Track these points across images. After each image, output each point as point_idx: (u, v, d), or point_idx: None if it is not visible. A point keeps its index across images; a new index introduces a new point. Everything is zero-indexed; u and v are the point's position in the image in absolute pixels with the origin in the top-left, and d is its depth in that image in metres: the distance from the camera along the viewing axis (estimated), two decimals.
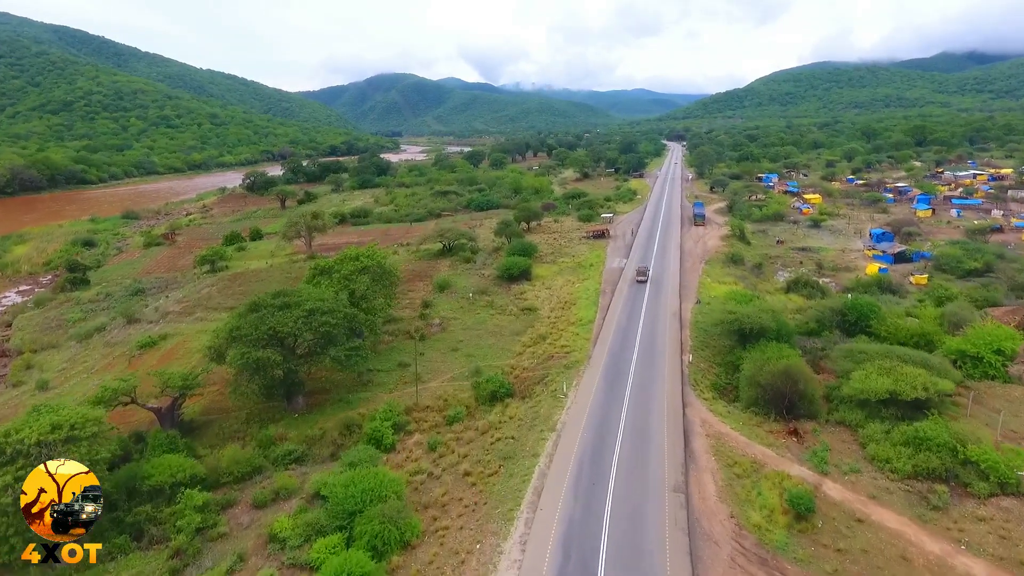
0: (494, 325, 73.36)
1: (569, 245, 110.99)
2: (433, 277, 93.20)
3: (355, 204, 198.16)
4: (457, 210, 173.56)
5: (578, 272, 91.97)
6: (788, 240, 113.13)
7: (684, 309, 71.56)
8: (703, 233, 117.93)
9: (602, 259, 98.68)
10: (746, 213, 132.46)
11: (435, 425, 50.88)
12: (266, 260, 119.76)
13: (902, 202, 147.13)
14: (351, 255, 67.08)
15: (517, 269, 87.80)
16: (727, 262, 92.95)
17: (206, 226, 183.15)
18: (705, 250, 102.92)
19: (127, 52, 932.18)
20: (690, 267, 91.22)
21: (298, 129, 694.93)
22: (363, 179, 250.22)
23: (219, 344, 52.29)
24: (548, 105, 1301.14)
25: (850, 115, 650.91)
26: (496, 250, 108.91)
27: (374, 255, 67.75)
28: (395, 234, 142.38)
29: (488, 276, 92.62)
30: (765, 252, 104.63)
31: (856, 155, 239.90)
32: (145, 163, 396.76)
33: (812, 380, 47.21)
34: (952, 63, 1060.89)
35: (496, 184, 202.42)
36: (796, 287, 77.70)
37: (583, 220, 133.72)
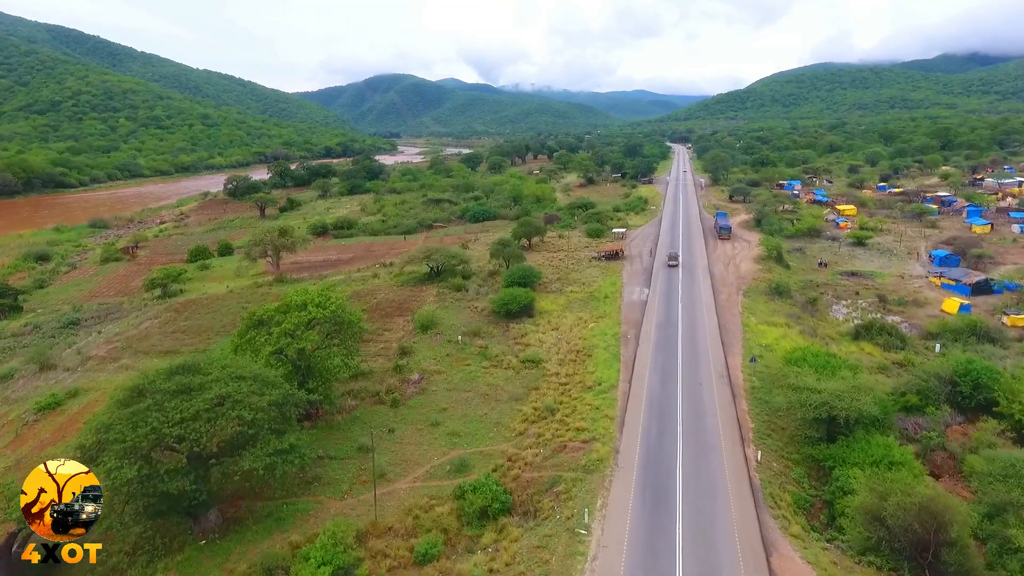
0: (488, 384, 57.41)
1: (578, 268, 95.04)
2: (415, 312, 77.22)
3: (340, 213, 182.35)
4: (451, 221, 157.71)
5: (591, 306, 76.01)
6: (832, 262, 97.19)
7: (732, 366, 55.63)
8: (732, 253, 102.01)
9: (618, 288, 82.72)
10: (777, 227, 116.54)
11: (398, 566, 34.93)
12: (227, 283, 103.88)
13: (947, 215, 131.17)
14: (297, 302, 50.92)
15: (517, 304, 71.86)
16: (770, 294, 77.01)
17: (176, 237, 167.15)
18: (739, 276, 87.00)
19: (122, 52, 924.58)
20: (726, 300, 75.26)
21: (293, 130, 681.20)
22: (352, 184, 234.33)
23: (90, 444, 36.26)
24: (547, 106, 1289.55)
25: (855, 116, 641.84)
26: (493, 274, 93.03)
27: (327, 302, 51.52)
28: (379, 250, 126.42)
29: (482, 311, 76.61)
30: (809, 278, 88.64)
31: (879, 159, 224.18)
32: (130, 166, 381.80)
33: (962, 518, 31.20)
34: (953, 64, 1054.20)
35: (494, 191, 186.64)
36: (868, 333, 61.69)
37: (592, 236, 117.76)
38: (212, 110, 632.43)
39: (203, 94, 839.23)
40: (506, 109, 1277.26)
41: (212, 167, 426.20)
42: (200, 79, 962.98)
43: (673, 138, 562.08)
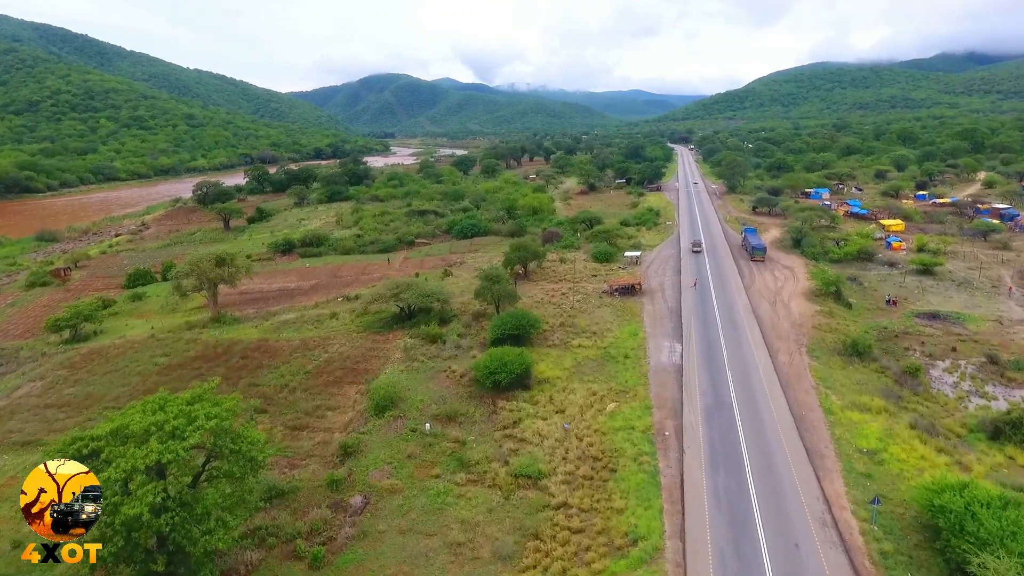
0: (461, 520, 38.01)
1: (585, 307, 75.76)
2: (372, 379, 57.78)
3: (314, 225, 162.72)
4: (436, 236, 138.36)
5: (607, 372, 56.72)
6: (900, 297, 78.07)
7: (834, 501, 36.35)
8: (775, 284, 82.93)
9: (641, 341, 63.48)
10: (820, 250, 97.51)
11: None
12: (155, 324, 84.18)
13: (1013, 232, 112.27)
14: (136, 429, 30.20)
15: (507, 374, 52.43)
16: (845, 353, 57.89)
17: (125, 254, 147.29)
18: (794, 321, 67.85)
19: (111, 51, 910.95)
20: (789, 365, 56.09)
21: (283, 131, 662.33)
22: (332, 190, 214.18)
23: None
24: (544, 106, 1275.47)
25: (856, 116, 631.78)
26: (479, 316, 73.72)
27: (192, 425, 30.90)
28: (348, 275, 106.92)
29: (462, 377, 57.33)
30: (880, 323, 69.40)
31: (907, 163, 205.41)
32: (104, 168, 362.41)
33: None
34: (952, 63, 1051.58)
35: (486, 200, 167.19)
36: (1016, 431, 42.47)
37: (599, 260, 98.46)
38: (199, 110, 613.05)
39: (192, 94, 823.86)
40: (502, 109, 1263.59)
41: (194, 170, 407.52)
42: (190, 79, 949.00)
43: (673, 138, 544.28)
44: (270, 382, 59.44)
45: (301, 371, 61.88)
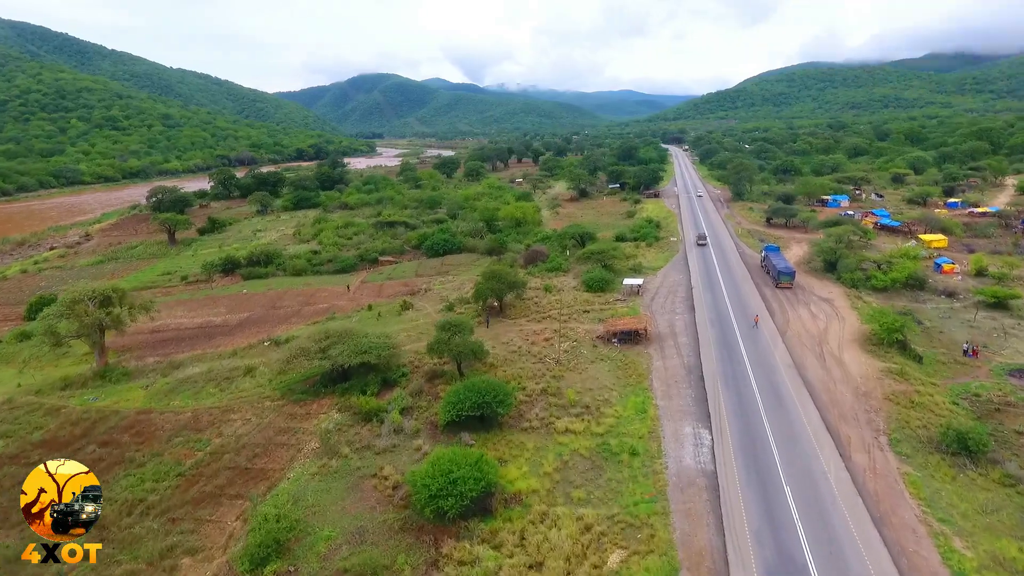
0: None
1: (576, 360, 57.87)
2: (263, 495, 39.66)
3: (270, 237, 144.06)
4: (404, 252, 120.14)
5: (606, 481, 38.81)
6: (980, 345, 60.60)
7: None
8: (815, 324, 65.32)
9: (652, 423, 45.62)
10: (861, 277, 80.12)
11: None
12: (24, 378, 65.45)
13: None
14: None
15: (456, 500, 34.42)
16: (948, 450, 40.27)
17: (51, 272, 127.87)
18: (856, 388, 50.21)
19: (91, 50, 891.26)
20: (872, 476, 38.35)
21: (265, 132, 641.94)
22: (299, 196, 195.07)
23: None
24: (534, 106, 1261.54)
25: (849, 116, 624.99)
26: (434, 377, 55.64)
27: None
28: (290, 305, 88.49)
29: (395, 492, 39.33)
30: (972, 389, 51.77)
31: (924, 166, 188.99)
32: (67, 171, 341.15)
33: None
34: (942, 63, 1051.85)
35: (465, 208, 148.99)
36: None
37: (592, 289, 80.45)
38: (176, 110, 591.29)
39: (174, 93, 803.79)
40: (491, 109, 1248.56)
41: (166, 172, 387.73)
42: (173, 78, 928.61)
43: (666, 139, 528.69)
44: (120, 494, 41.09)
45: (172, 472, 43.55)
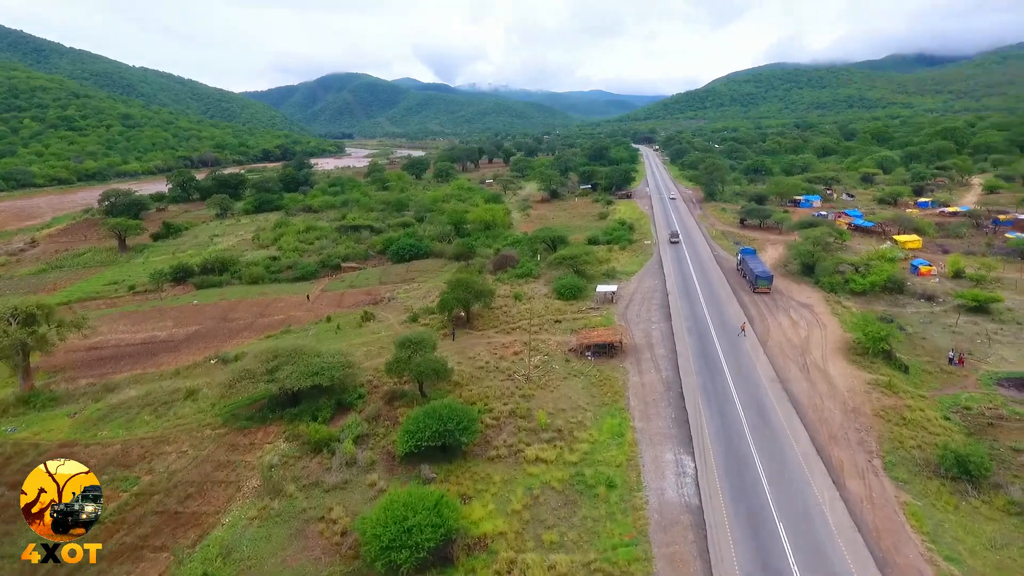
0: None
1: (547, 377, 53.93)
2: (192, 547, 34.77)
3: (228, 243, 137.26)
4: (368, 257, 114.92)
5: (581, 520, 34.80)
6: (967, 352, 58.24)
7: None
8: (800, 337, 62.42)
9: (630, 449, 41.81)
10: (839, 281, 77.80)
11: None
12: None
13: None
14: None
15: (410, 553, 29.98)
16: (947, 475, 37.29)
17: None
18: (843, 403, 47.19)
19: (48, 48, 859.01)
20: (869, 507, 35.05)
21: (230, 132, 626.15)
22: (261, 199, 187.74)
23: None
24: (505, 106, 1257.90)
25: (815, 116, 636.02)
26: (393, 399, 51.10)
27: None
28: (243, 317, 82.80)
29: (343, 540, 34.78)
30: (962, 401, 49.14)
31: (892, 165, 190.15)
32: (18, 174, 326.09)
33: None
34: (902, 64, 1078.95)
35: (433, 211, 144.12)
36: None
37: (564, 296, 76.68)
38: (137, 109, 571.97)
39: (136, 93, 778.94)
40: (462, 109, 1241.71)
41: (125, 174, 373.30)
42: (135, 77, 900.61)
43: (636, 139, 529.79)
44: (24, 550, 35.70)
45: None
